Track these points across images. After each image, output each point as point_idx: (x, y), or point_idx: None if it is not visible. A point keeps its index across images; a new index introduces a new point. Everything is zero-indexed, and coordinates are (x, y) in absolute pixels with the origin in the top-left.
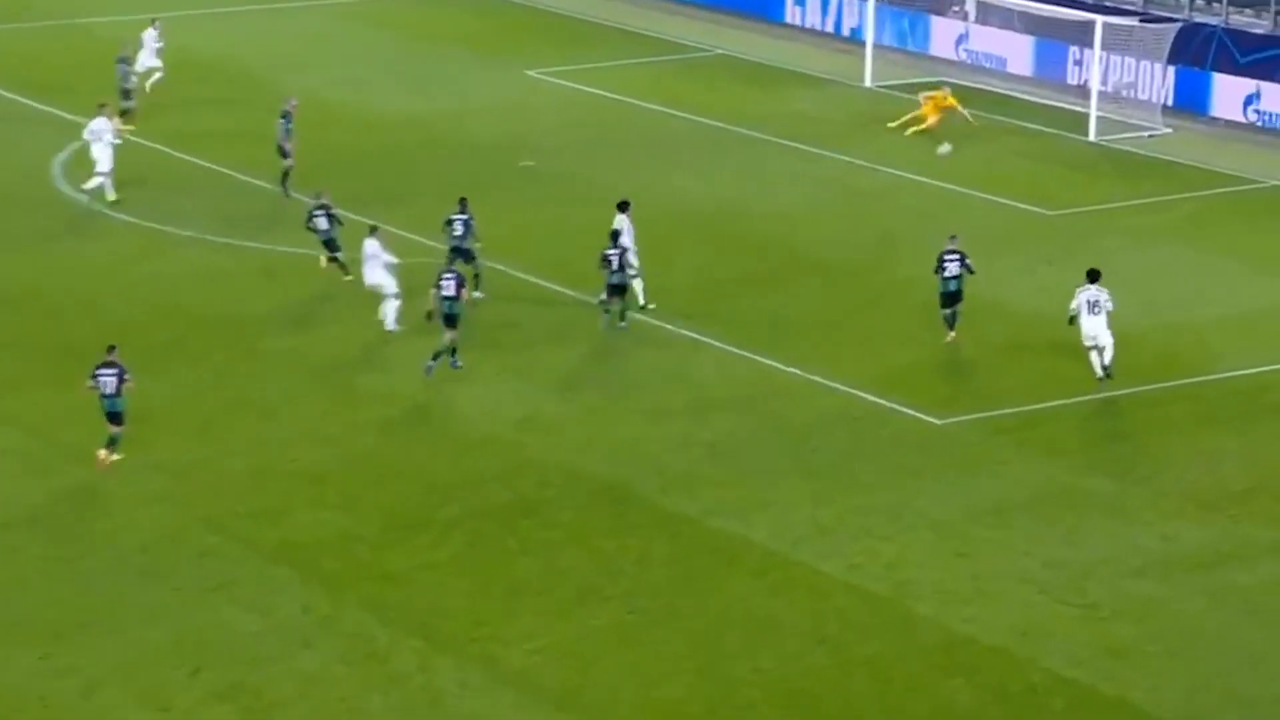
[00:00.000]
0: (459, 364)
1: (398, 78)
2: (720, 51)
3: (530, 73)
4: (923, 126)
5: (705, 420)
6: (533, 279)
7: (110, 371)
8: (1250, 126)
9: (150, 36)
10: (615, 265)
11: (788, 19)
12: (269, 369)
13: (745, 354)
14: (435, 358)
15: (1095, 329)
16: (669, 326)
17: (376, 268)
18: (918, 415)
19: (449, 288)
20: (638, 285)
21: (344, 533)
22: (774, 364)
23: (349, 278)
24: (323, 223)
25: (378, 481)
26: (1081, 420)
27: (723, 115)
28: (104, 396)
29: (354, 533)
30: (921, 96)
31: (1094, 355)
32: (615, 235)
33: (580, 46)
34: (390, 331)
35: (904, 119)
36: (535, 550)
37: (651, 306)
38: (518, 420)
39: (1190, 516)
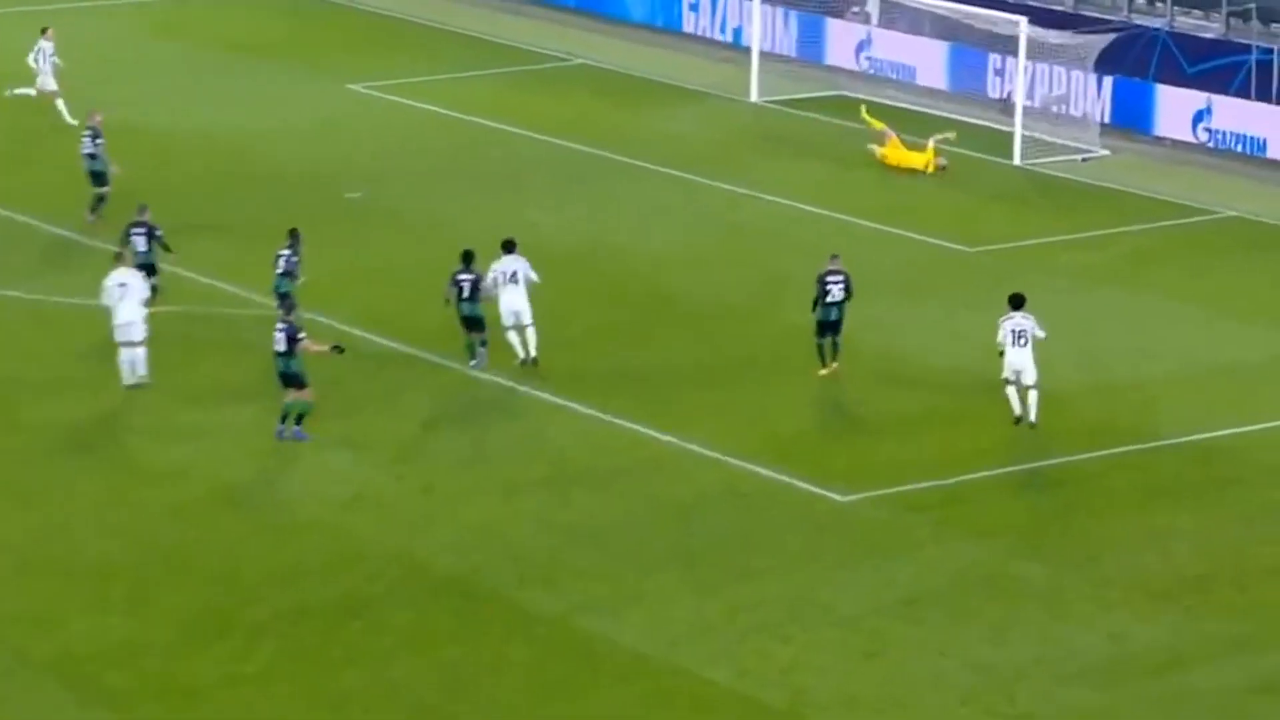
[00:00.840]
0: (294, 434)
1: (193, 95)
2: (580, 60)
3: (354, 86)
4: (875, 143)
5: (566, 498)
6: (359, 331)
7: (280, 327)
8: (1200, 147)
9: (46, 50)
10: (467, 291)
11: (658, 22)
12: (34, 442)
13: (611, 419)
14: (284, 418)
15: (1020, 362)
16: (521, 388)
17: (130, 302)
18: (817, 490)
19: (279, 342)
20: (531, 336)
21: (131, 641)
22: (646, 431)
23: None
24: (141, 243)
25: (171, 577)
26: (1009, 495)
27: (582, 136)
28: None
29: (143, 640)
30: (933, 141)
31: (1011, 391)
32: (467, 256)
33: (413, 55)
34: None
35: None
36: (364, 659)
37: (535, 357)
38: (343, 500)
39: (1138, 609)
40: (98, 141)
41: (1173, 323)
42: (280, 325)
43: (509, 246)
